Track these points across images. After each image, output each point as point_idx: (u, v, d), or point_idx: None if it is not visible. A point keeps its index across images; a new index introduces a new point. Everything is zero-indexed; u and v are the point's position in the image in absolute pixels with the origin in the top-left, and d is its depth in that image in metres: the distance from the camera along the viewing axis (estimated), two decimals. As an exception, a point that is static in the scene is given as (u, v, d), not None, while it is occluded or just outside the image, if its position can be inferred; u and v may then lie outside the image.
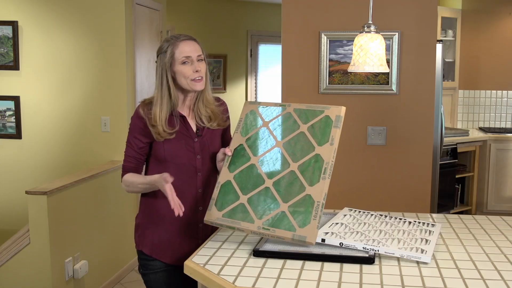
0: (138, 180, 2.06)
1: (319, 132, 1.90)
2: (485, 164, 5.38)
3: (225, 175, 1.97)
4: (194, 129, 2.11)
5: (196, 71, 2.03)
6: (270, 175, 1.90)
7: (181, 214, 1.87)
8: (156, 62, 2.08)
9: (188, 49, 2.03)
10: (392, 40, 3.12)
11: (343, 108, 1.92)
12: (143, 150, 2.09)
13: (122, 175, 2.11)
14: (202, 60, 2.07)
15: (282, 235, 1.78)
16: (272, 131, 1.98)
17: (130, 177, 2.08)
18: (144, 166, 2.16)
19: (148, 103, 2.07)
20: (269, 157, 1.94)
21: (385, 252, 1.78)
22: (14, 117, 4.32)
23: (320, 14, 3.19)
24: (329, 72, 3.21)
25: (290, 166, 1.88)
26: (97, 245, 3.76)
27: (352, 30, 3.12)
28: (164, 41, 2.08)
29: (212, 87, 2.20)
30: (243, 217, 1.87)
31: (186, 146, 2.07)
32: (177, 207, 1.86)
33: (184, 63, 2.02)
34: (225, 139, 2.21)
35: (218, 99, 2.20)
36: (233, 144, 2.02)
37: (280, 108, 2.02)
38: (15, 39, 4.23)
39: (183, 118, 2.08)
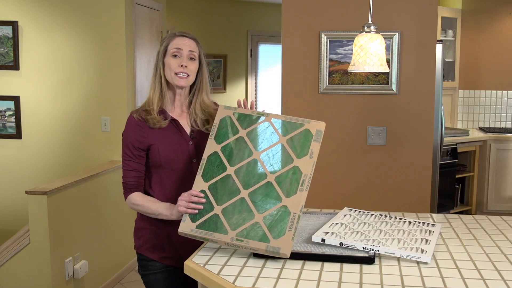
0: (152, 206, 2.01)
1: (298, 145, 1.86)
2: (485, 164, 5.38)
3: (199, 185, 1.90)
4: (188, 132, 2.10)
5: (181, 65, 2.02)
6: (246, 186, 1.85)
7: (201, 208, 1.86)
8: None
9: (181, 42, 2.04)
10: (392, 40, 3.12)
11: (323, 124, 1.89)
12: (142, 159, 2.05)
13: (126, 193, 2.06)
14: (194, 59, 2.06)
15: (255, 247, 1.75)
16: (249, 141, 1.92)
17: (140, 198, 2.03)
18: None
19: (138, 109, 2.08)
20: (246, 168, 1.88)
21: (385, 252, 1.78)
22: (14, 117, 4.32)
23: (320, 14, 3.19)
24: (329, 72, 3.21)
25: (267, 177, 1.84)
26: (97, 245, 3.76)
27: (352, 30, 3.12)
28: (166, 36, 2.10)
29: (212, 87, 2.19)
30: (217, 228, 1.82)
31: (181, 151, 2.06)
32: (195, 206, 1.87)
33: (174, 56, 2.03)
34: None
35: (216, 104, 2.20)
36: (207, 151, 1.95)
37: (257, 117, 1.96)
38: (15, 39, 4.24)
39: (175, 121, 2.07)
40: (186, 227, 1.86)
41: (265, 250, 1.73)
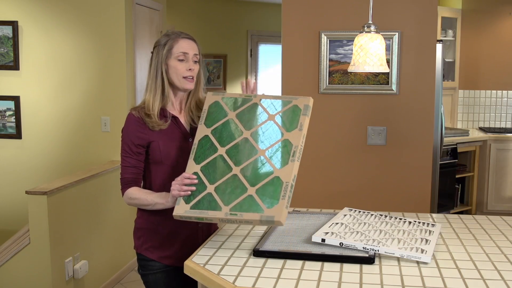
0: (148, 197, 2.01)
1: (287, 120, 1.88)
2: (485, 164, 5.38)
3: (191, 167, 1.91)
4: (188, 129, 2.11)
5: (189, 69, 2.03)
6: (238, 163, 1.86)
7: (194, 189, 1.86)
8: (152, 53, 2.09)
9: (187, 46, 2.04)
10: (392, 40, 3.12)
11: (311, 99, 1.91)
12: (141, 156, 2.05)
13: (123, 189, 2.06)
14: (197, 61, 2.08)
15: (250, 218, 1.75)
16: (239, 122, 1.94)
17: (136, 191, 2.03)
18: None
19: (137, 107, 2.08)
20: (237, 147, 1.89)
21: (385, 252, 1.78)
22: (14, 117, 4.32)
23: (320, 14, 3.19)
24: (329, 72, 3.21)
25: (258, 152, 1.85)
26: (97, 245, 3.76)
27: (352, 30, 3.12)
28: (163, 35, 2.09)
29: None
30: (211, 206, 1.82)
31: (181, 147, 2.06)
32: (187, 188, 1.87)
33: (180, 59, 2.03)
34: None
35: None
36: (198, 136, 1.97)
37: (245, 99, 1.98)
38: (15, 39, 4.24)
39: (175, 119, 2.08)
40: (181, 209, 1.86)
41: (259, 221, 1.73)
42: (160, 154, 2.04)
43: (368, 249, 1.79)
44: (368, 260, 1.74)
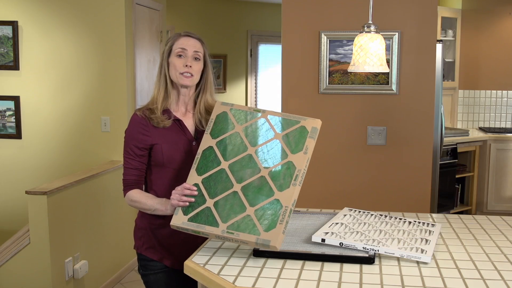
0: (148, 201, 2.02)
1: (293, 141, 1.87)
2: (485, 164, 5.38)
3: (193, 178, 1.91)
4: (192, 132, 2.10)
5: (186, 65, 2.03)
6: (240, 180, 1.86)
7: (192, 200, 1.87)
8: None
9: (186, 43, 2.05)
10: (392, 40, 3.12)
11: (319, 121, 1.90)
12: (144, 158, 2.06)
13: (125, 190, 2.06)
14: (198, 59, 2.06)
15: (246, 239, 1.75)
16: (244, 136, 1.94)
17: (138, 194, 2.04)
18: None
19: (142, 107, 2.10)
20: (240, 163, 1.89)
21: (385, 252, 1.78)
22: (14, 117, 4.32)
23: (320, 14, 3.19)
24: (329, 72, 3.21)
25: (260, 171, 1.85)
26: (97, 245, 3.76)
27: (352, 30, 3.12)
28: (171, 36, 2.12)
29: (215, 87, 2.20)
30: (208, 221, 1.82)
31: (184, 150, 2.06)
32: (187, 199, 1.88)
33: (178, 55, 2.04)
34: None
35: None
36: (202, 146, 1.97)
37: (254, 114, 1.98)
38: (15, 39, 4.24)
39: (179, 122, 2.08)
40: (178, 220, 1.87)
41: (255, 243, 1.73)
42: (163, 157, 2.04)
43: (368, 249, 1.79)
44: (368, 260, 1.74)
